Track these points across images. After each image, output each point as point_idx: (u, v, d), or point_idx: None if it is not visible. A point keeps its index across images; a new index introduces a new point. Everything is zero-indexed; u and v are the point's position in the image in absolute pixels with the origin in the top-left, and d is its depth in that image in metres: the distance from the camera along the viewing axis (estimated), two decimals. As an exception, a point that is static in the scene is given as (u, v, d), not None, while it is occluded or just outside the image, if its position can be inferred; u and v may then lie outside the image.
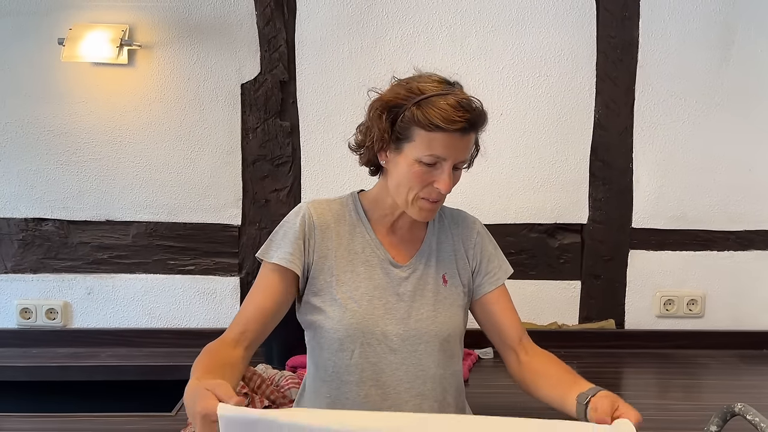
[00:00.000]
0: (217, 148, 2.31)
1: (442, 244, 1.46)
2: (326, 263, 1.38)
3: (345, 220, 1.42)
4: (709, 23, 2.30)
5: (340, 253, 1.39)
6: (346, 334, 1.34)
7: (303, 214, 1.40)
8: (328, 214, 1.41)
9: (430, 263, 1.43)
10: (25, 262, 2.35)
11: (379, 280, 1.38)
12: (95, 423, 1.74)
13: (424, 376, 1.38)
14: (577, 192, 2.35)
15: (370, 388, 1.35)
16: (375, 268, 1.39)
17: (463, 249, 1.47)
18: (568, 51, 2.30)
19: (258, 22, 2.27)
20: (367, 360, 1.35)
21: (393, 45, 2.28)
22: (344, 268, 1.38)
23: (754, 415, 1.16)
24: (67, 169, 2.31)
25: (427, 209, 1.34)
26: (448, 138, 1.27)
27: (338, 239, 1.40)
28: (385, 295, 1.38)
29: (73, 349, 2.30)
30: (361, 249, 1.40)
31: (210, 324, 2.36)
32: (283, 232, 1.40)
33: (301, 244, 1.37)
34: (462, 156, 1.31)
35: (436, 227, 1.47)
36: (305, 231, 1.38)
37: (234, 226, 2.35)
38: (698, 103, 2.32)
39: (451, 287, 1.43)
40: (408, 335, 1.36)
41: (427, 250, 1.44)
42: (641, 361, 2.28)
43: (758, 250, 2.39)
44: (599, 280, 2.39)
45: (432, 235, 1.46)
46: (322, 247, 1.38)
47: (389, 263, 1.40)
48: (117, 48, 2.16)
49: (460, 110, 1.26)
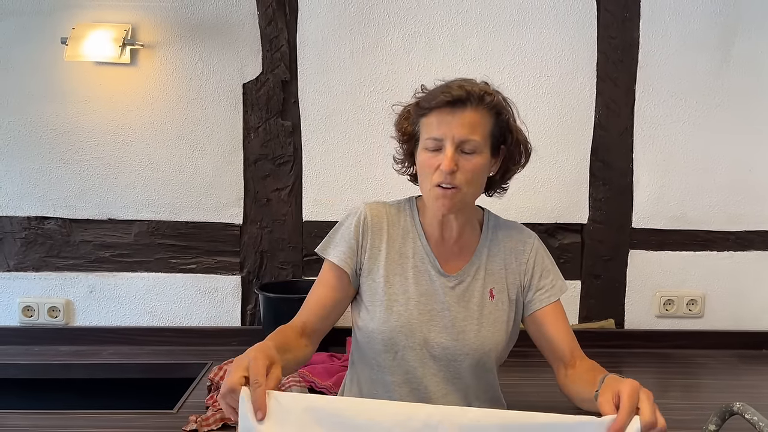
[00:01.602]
0: (218, 148, 2.32)
1: (493, 257, 1.44)
2: (377, 265, 1.41)
3: (399, 225, 1.44)
4: (710, 24, 2.30)
5: (391, 257, 1.41)
6: (389, 336, 1.36)
7: (359, 215, 1.44)
8: (383, 216, 1.44)
9: (478, 276, 1.42)
10: (27, 261, 2.36)
11: (426, 286, 1.40)
12: (97, 420, 1.74)
13: (459, 384, 1.40)
14: (578, 192, 2.36)
15: (408, 391, 1.37)
16: (423, 274, 1.41)
17: (515, 263, 1.45)
18: (568, 51, 2.30)
19: (260, 22, 2.27)
20: (408, 363, 1.37)
21: (394, 45, 2.29)
22: (394, 271, 1.40)
23: (752, 414, 1.16)
24: (69, 168, 2.32)
25: (441, 196, 1.32)
26: (440, 116, 1.29)
27: (390, 242, 1.42)
28: (431, 302, 1.39)
29: (75, 347, 2.31)
30: (411, 254, 1.42)
31: (211, 322, 2.37)
32: (340, 231, 1.45)
33: (354, 244, 1.41)
34: (461, 133, 1.29)
35: (489, 239, 1.46)
36: (359, 231, 1.42)
37: (235, 225, 2.36)
38: (698, 103, 2.33)
39: (497, 302, 1.42)
40: (449, 345, 1.37)
41: (477, 263, 1.43)
42: (641, 360, 2.29)
43: (758, 250, 2.40)
44: (599, 280, 2.40)
45: (483, 247, 1.45)
46: (374, 248, 1.42)
47: (437, 271, 1.41)
48: (120, 47, 2.17)
49: (448, 87, 1.30)
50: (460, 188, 1.31)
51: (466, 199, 1.35)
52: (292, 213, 2.35)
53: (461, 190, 1.31)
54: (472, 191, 1.35)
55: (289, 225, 2.35)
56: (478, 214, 1.49)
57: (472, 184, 1.33)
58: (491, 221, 1.49)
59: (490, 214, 1.51)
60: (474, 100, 1.29)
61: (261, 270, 2.37)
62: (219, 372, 1.81)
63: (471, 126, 1.30)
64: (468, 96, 1.29)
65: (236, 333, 2.34)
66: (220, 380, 1.79)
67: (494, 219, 1.50)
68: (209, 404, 1.79)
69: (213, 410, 1.74)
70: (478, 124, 1.31)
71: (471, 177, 1.31)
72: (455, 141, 1.29)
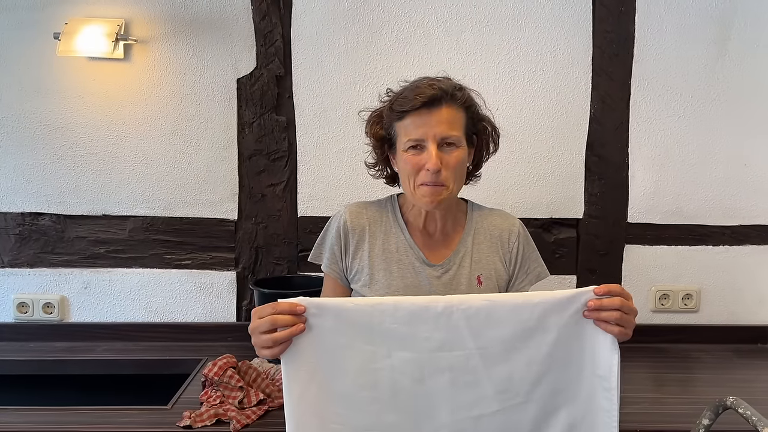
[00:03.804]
0: (213, 143, 2.31)
1: (478, 245, 1.48)
2: (361, 264, 1.45)
3: (381, 223, 1.49)
4: (706, 18, 2.30)
5: (374, 255, 1.45)
6: None
7: (339, 220, 1.49)
8: (363, 217, 1.48)
9: (464, 263, 1.45)
10: (21, 257, 2.35)
11: (411, 279, 1.43)
12: (91, 416, 1.74)
13: None
14: (573, 187, 2.36)
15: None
16: (408, 267, 1.44)
17: (501, 251, 1.49)
18: (564, 46, 2.30)
19: (254, 17, 2.26)
20: None
21: (389, 40, 2.28)
22: (379, 267, 1.44)
23: (745, 408, 1.16)
24: (63, 164, 2.31)
25: (427, 194, 1.37)
26: (417, 118, 1.34)
27: (373, 241, 1.46)
28: (418, 293, 1.41)
29: (70, 343, 2.31)
30: (395, 249, 1.46)
31: (206, 318, 2.37)
32: (326, 238, 1.53)
33: (337, 250, 1.48)
34: (441, 131, 1.34)
35: (473, 228, 1.49)
36: (340, 236, 1.48)
37: (230, 220, 2.35)
38: (694, 98, 2.33)
39: (485, 288, 1.46)
40: None
41: (462, 251, 1.46)
42: (636, 355, 2.28)
43: (753, 244, 2.40)
44: (595, 275, 2.39)
45: (468, 236, 1.48)
46: (357, 250, 1.47)
47: (422, 262, 1.44)
48: (113, 43, 2.16)
49: (419, 89, 1.35)
50: (447, 185, 1.37)
51: (452, 194, 1.40)
52: (287, 208, 2.35)
53: (448, 186, 1.37)
54: (457, 185, 1.40)
55: (284, 220, 2.35)
56: (461, 205, 1.53)
57: (456, 179, 1.38)
58: (475, 211, 1.53)
59: (473, 204, 1.55)
60: (447, 96, 1.34)
61: (256, 265, 2.37)
62: (213, 368, 1.81)
63: (449, 122, 1.35)
64: (442, 94, 1.34)
65: (231, 329, 2.34)
66: (215, 376, 1.79)
67: (478, 208, 1.54)
68: (203, 400, 1.79)
69: (207, 406, 1.74)
70: (455, 119, 1.36)
71: (455, 172, 1.37)
72: (437, 139, 1.33)
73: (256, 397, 1.77)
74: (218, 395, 1.78)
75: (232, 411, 1.70)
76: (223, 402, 1.76)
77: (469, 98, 1.40)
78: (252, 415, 1.71)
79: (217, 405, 1.74)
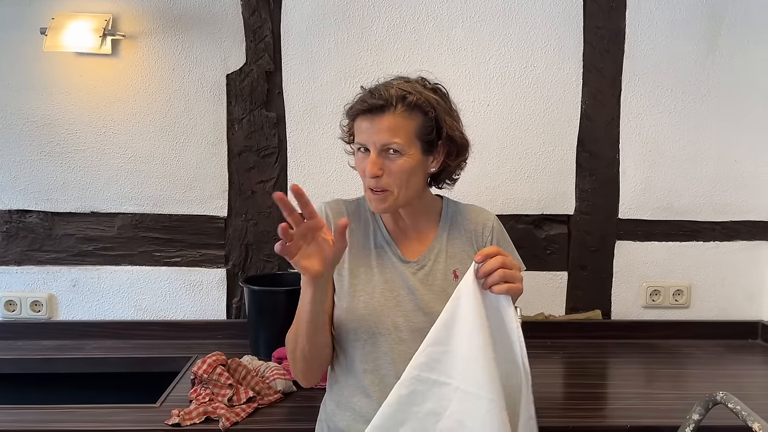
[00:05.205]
0: (202, 139, 2.30)
1: (453, 241, 1.48)
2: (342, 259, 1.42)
3: (360, 219, 1.48)
4: (696, 14, 2.30)
5: (354, 250, 1.44)
6: (358, 325, 1.40)
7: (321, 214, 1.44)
8: (342, 213, 1.47)
9: (439, 259, 1.45)
10: (9, 255, 2.33)
11: (390, 274, 1.43)
12: (80, 415, 1.73)
13: None
14: (564, 183, 2.35)
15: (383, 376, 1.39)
16: (386, 263, 1.44)
17: (476, 244, 1.48)
18: (554, 41, 2.29)
19: (243, 12, 2.25)
20: (378, 350, 1.39)
21: (379, 35, 2.27)
22: (359, 263, 1.44)
23: (735, 403, 1.17)
24: (51, 161, 2.29)
25: (372, 199, 1.38)
26: (363, 122, 1.34)
27: (352, 237, 1.45)
28: (396, 288, 1.42)
29: (59, 341, 2.29)
30: (373, 245, 1.46)
31: (196, 316, 2.36)
32: None
33: None
34: (381, 138, 1.32)
35: (448, 224, 1.49)
36: None
37: (220, 217, 2.34)
38: (684, 93, 2.33)
39: None
40: (416, 327, 1.38)
41: (437, 247, 1.46)
42: (627, 351, 2.29)
43: (744, 240, 2.41)
44: (586, 271, 2.40)
45: (443, 232, 1.48)
46: None
47: (399, 259, 1.44)
48: (100, 38, 2.14)
49: (370, 93, 1.34)
50: (390, 190, 1.36)
51: (399, 201, 1.38)
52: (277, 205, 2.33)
53: (392, 192, 1.36)
54: (404, 192, 1.37)
55: (274, 217, 2.33)
56: (436, 203, 1.52)
57: (402, 186, 1.36)
58: (450, 207, 1.52)
59: (449, 201, 1.54)
60: (391, 105, 1.32)
61: (246, 263, 2.36)
62: (202, 365, 1.80)
63: (391, 130, 1.32)
64: (385, 102, 1.32)
65: (221, 326, 2.32)
66: (204, 373, 1.78)
67: (453, 205, 1.53)
68: (192, 398, 1.77)
69: (196, 404, 1.73)
70: (400, 126, 1.33)
71: (399, 179, 1.35)
72: (377, 146, 1.33)
73: (246, 395, 1.76)
74: (207, 393, 1.77)
75: (222, 409, 1.69)
76: (212, 400, 1.75)
77: (422, 103, 1.35)
78: (241, 412, 1.70)
79: (206, 403, 1.73)
